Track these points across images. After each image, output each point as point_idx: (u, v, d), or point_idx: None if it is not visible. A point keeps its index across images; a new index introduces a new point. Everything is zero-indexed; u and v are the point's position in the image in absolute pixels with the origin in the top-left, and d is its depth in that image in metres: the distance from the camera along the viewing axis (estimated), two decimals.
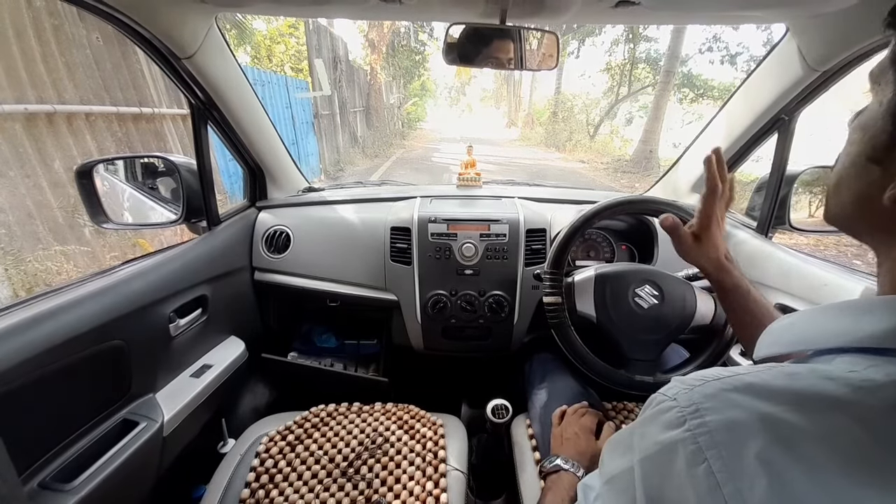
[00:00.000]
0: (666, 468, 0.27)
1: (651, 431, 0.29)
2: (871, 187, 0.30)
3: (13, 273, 2.30)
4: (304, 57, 7.49)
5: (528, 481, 0.76)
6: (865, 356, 0.27)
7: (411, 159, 9.47)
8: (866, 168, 0.30)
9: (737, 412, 0.25)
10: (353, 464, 0.77)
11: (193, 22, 0.79)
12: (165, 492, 0.83)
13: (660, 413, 0.29)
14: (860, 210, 0.32)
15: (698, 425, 0.26)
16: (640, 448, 0.29)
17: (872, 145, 0.30)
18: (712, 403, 0.26)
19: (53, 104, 2.45)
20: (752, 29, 13.04)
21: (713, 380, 0.28)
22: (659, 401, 0.30)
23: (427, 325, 1.09)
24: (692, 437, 0.26)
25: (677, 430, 0.27)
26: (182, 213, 0.96)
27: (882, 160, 0.29)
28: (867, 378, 0.25)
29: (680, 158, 1.29)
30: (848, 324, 0.29)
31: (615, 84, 12.41)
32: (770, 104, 0.93)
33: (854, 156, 0.32)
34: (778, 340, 0.35)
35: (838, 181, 0.33)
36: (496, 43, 0.82)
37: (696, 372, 0.30)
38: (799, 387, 0.26)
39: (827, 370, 0.26)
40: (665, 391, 0.30)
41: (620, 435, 0.34)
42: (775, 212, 1.00)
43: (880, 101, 0.29)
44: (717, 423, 0.25)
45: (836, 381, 0.25)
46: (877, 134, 0.29)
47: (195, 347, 0.94)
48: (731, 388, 0.27)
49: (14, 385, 0.55)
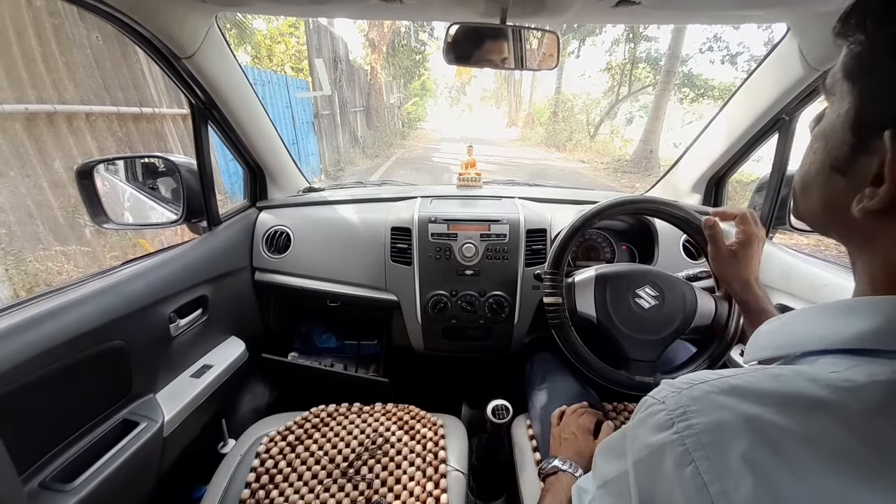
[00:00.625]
0: (656, 470, 0.28)
1: (641, 434, 0.30)
2: (838, 196, 0.30)
3: (14, 273, 2.30)
4: (304, 57, 7.50)
5: (529, 482, 0.76)
6: (848, 357, 0.27)
7: (411, 159, 9.47)
8: (831, 177, 0.31)
9: (723, 414, 0.26)
10: (353, 464, 0.77)
11: (193, 22, 0.79)
12: (165, 492, 0.83)
13: (649, 416, 0.30)
14: (830, 216, 0.32)
15: (685, 427, 0.27)
16: (633, 451, 0.30)
17: (834, 156, 0.30)
18: (699, 406, 0.27)
19: (54, 104, 2.45)
20: (752, 29, 13.04)
21: (700, 382, 0.29)
22: (649, 404, 0.31)
23: (427, 325, 1.09)
24: (680, 439, 0.26)
25: (666, 433, 0.27)
26: (182, 214, 0.96)
27: (845, 171, 0.29)
28: (848, 378, 0.25)
29: (680, 158, 1.29)
30: (831, 326, 0.29)
31: (615, 84, 12.41)
32: (771, 104, 0.92)
33: (818, 164, 0.32)
34: (767, 344, 0.35)
35: (805, 185, 0.34)
36: (496, 43, 0.82)
37: (684, 375, 0.31)
38: (783, 389, 0.26)
39: (810, 372, 0.27)
40: (654, 394, 0.31)
41: (613, 439, 0.35)
42: (776, 212, 1.00)
43: (837, 112, 0.30)
44: (703, 425, 0.26)
45: (818, 383, 0.25)
46: (837, 146, 0.30)
47: (195, 348, 0.94)
48: (718, 390, 0.27)
49: (14, 385, 0.55)
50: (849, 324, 0.28)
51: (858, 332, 0.27)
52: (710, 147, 1.15)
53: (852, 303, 0.30)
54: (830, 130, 0.30)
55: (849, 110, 0.28)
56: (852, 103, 0.28)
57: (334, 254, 1.13)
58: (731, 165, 1.14)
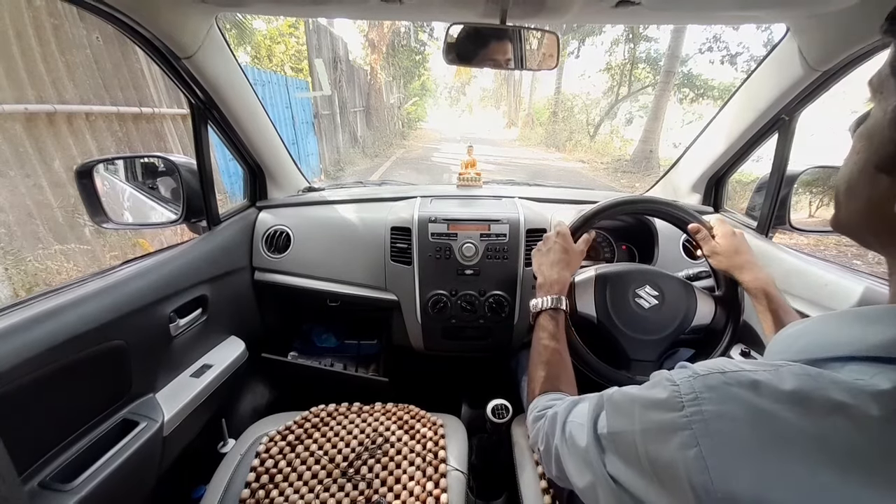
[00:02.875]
0: (661, 443, 0.30)
1: (650, 408, 0.32)
2: (882, 196, 0.29)
3: (13, 273, 2.30)
4: (304, 57, 7.49)
5: (529, 481, 0.76)
6: (874, 364, 0.27)
7: (411, 159, 9.47)
8: (876, 177, 0.30)
9: (734, 406, 0.27)
10: (353, 464, 0.77)
11: (193, 22, 0.79)
12: (165, 492, 0.83)
13: (660, 392, 0.31)
14: (870, 218, 0.32)
15: (694, 412, 0.28)
16: (640, 420, 0.32)
17: (880, 155, 0.29)
18: (711, 394, 0.28)
19: (53, 104, 2.45)
20: (752, 29, 13.04)
21: (717, 372, 0.29)
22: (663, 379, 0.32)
23: (427, 325, 1.09)
24: (687, 423, 0.28)
25: (674, 413, 0.29)
26: (182, 213, 0.96)
27: (891, 170, 0.29)
28: (871, 384, 0.25)
29: (680, 158, 1.29)
30: (857, 333, 0.29)
31: (615, 84, 12.41)
32: (770, 104, 0.93)
33: (862, 164, 0.31)
34: (787, 349, 0.35)
35: (849, 188, 0.33)
36: (496, 43, 0.82)
37: (703, 361, 0.32)
38: (804, 388, 0.26)
39: (835, 376, 0.27)
40: (671, 375, 0.32)
41: (624, 398, 0.37)
42: (775, 212, 1.00)
43: (884, 109, 0.29)
44: (712, 413, 0.27)
45: (841, 386, 0.26)
46: (883, 143, 0.29)
47: (195, 347, 0.94)
48: (735, 382, 0.28)
49: (14, 385, 0.55)
50: (873, 331, 0.28)
51: (883, 340, 0.27)
52: (710, 147, 1.15)
53: (877, 310, 0.30)
54: (876, 129, 0.30)
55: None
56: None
57: (334, 253, 1.13)
58: (731, 165, 1.14)
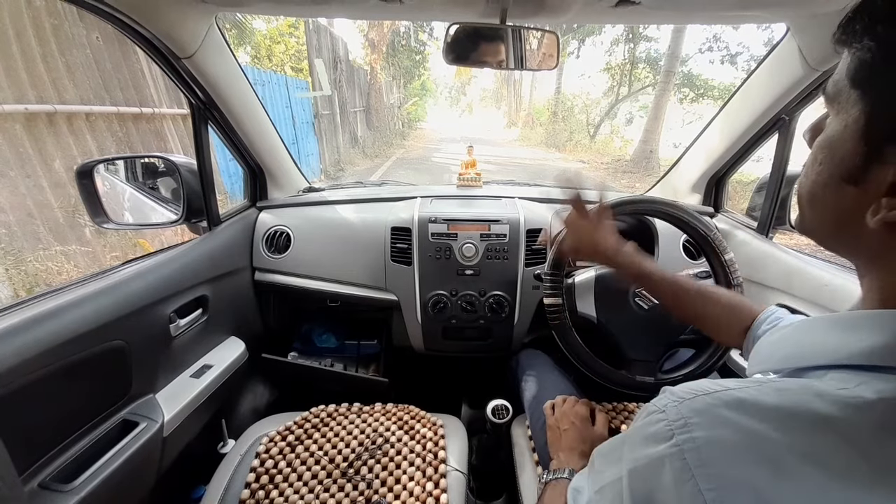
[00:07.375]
0: (654, 481, 0.27)
1: (640, 443, 0.30)
2: (851, 208, 0.29)
3: (14, 273, 2.30)
4: (304, 57, 7.49)
5: (528, 482, 0.76)
6: (856, 372, 0.27)
7: (411, 159, 9.47)
8: (842, 188, 0.29)
9: (725, 429, 0.26)
10: (353, 464, 0.77)
11: (193, 22, 0.79)
12: (165, 492, 0.83)
13: (649, 425, 0.29)
14: (841, 229, 0.31)
15: (686, 440, 0.26)
16: (629, 459, 0.30)
17: (845, 167, 0.28)
18: (700, 419, 0.27)
19: (54, 104, 2.45)
20: (752, 29, 13.05)
21: (703, 394, 0.28)
22: (649, 412, 0.30)
23: (427, 325, 1.09)
24: (679, 453, 0.26)
25: (665, 445, 0.27)
26: (182, 214, 0.96)
27: (858, 181, 0.28)
28: (857, 395, 0.25)
29: (680, 158, 1.29)
30: (836, 340, 0.29)
31: (615, 84, 12.40)
32: (770, 104, 0.93)
33: (826, 176, 0.30)
34: (768, 358, 0.35)
35: (813, 198, 0.32)
36: (496, 43, 0.82)
37: (687, 384, 0.30)
38: (788, 404, 0.26)
39: (818, 387, 0.26)
40: (656, 402, 0.30)
41: (612, 443, 0.35)
42: (776, 212, 1.00)
43: (844, 122, 0.28)
44: (704, 439, 0.26)
45: (826, 399, 0.25)
46: (847, 156, 0.28)
47: (195, 348, 0.94)
48: (721, 403, 0.27)
49: (14, 385, 0.55)
50: (853, 339, 0.28)
51: (864, 347, 0.27)
52: (710, 147, 1.15)
53: (854, 317, 0.29)
54: (838, 140, 0.29)
55: (858, 118, 0.27)
56: (863, 111, 0.27)
57: (334, 254, 1.13)
58: (731, 165, 1.14)
